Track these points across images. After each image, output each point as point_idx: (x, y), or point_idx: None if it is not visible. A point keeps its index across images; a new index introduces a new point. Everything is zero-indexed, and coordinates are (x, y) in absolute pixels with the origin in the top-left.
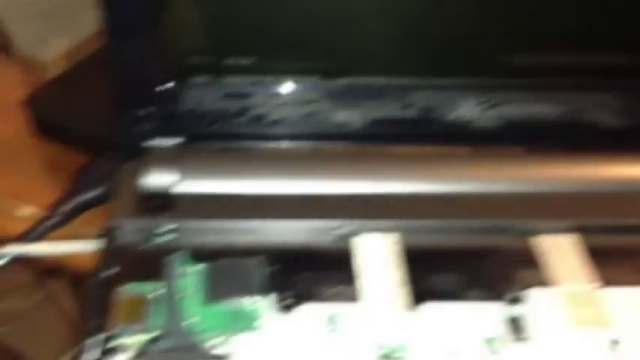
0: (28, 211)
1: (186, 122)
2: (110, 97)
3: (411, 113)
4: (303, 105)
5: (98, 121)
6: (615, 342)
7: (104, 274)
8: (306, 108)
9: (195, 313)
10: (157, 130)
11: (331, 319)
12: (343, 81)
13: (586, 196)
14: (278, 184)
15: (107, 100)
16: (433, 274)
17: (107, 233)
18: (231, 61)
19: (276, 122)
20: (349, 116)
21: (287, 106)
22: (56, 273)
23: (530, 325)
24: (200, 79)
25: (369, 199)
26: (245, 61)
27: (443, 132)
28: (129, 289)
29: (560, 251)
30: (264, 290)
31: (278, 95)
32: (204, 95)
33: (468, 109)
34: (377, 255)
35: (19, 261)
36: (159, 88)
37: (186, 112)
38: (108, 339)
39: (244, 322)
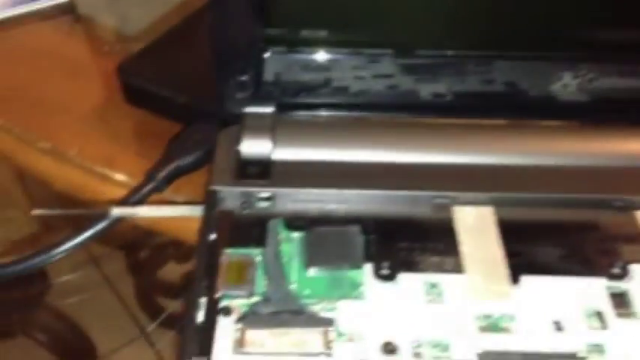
0: (119, 177)
1: (275, 91)
2: (204, 66)
3: (495, 87)
4: (385, 78)
5: (188, 89)
6: None
7: (210, 237)
8: (388, 81)
9: (296, 279)
10: (252, 98)
11: (432, 289)
12: (422, 54)
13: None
14: (373, 153)
15: (197, 69)
16: (531, 248)
17: (208, 198)
18: (308, 33)
19: (359, 94)
20: (433, 89)
21: (368, 79)
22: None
23: (636, 301)
24: (284, 49)
25: (466, 170)
26: (322, 34)
27: (530, 106)
28: (233, 254)
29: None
30: (364, 258)
31: (357, 68)
32: (290, 65)
33: (557, 83)
34: (476, 226)
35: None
36: (252, 57)
37: (274, 82)
38: (215, 301)
39: (345, 289)
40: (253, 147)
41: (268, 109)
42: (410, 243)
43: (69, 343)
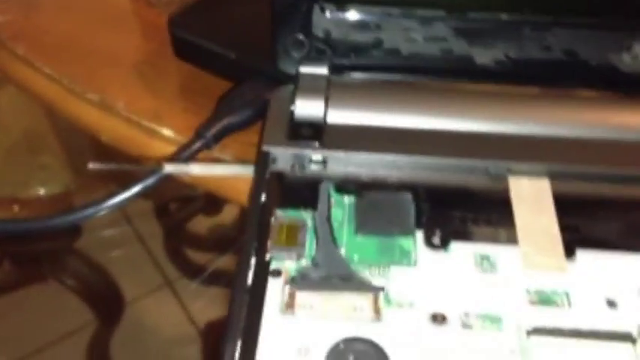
0: (166, 133)
1: (329, 51)
2: (258, 22)
3: (554, 55)
4: (438, 41)
5: (240, 46)
6: None
7: (261, 198)
8: (441, 44)
9: (346, 244)
10: (307, 58)
11: (484, 260)
12: (475, 17)
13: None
14: (427, 120)
15: (250, 25)
16: (587, 222)
17: (260, 159)
18: None
19: (412, 57)
20: (488, 54)
21: (420, 41)
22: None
23: None
24: (337, 7)
25: (523, 140)
26: None
27: (593, 76)
28: (284, 216)
29: None
30: (415, 226)
31: (409, 29)
32: (343, 25)
33: (623, 54)
34: (532, 198)
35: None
36: (310, 15)
37: (328, 41)
38: (265, 262)
39: (395, 256)
40: (307, 108)
41: (322, 70)
42: (463, 212)
43: (97, 288)
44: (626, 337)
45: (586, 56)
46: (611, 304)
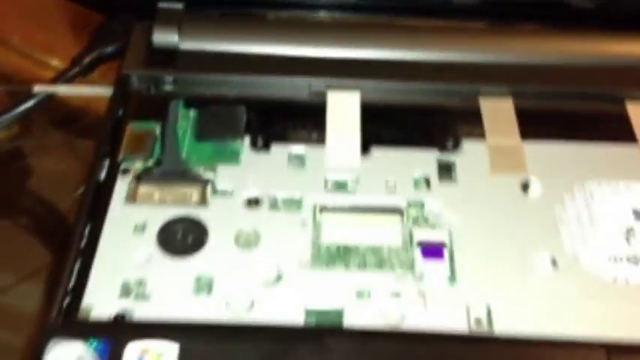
0: (55, 63)
1: None
2: None
3: None
4: None
5: None
6: (528, 184)
7: (116, 112)
8: None
9: (188, 148)
10: None
11: (297, 158)
12: None
13: (525, 67)
14: (264, 46)
15: None
16: (384, 126)
17: (119, 80)
18: None
19: None
20: None
21: None
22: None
23: (460, 169)
24: None
25: (342, 61)
26: None
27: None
28: (136, 126)
29: (498, 112)
30: (244, 132)
31: None
32: None
33: None
34: (343, 108)
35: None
36: None
37: None
38: (116, 163)
39: (227, 156)
40: (163, 37)
41: (178, 6)
42: (286, 122)
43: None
44: (396, 211)
45: None
46: (391, 189)
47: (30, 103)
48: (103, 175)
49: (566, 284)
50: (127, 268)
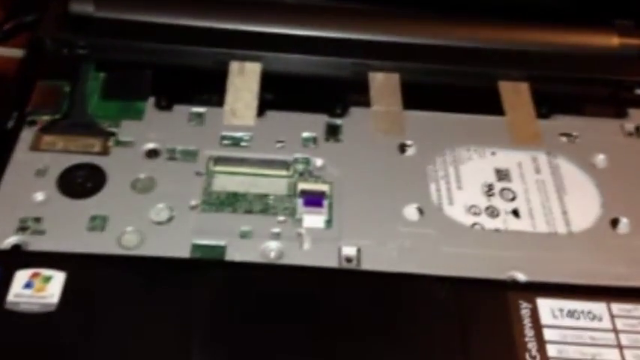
0: None
1: None
2: None
3: None
4: None
5: None
6: (405, 146)
7: (27, 69)
8: None
9: (95, 106)
10: None
11: (196, 116)
12: None
13: (412, 46)
14: (173, 17)
15: None
16: (281, 93)
17: (34, 42)
18: None
19: None
20: None
21: None
22: None
23: (346, 132)
24: None
25: (247, 34)
26: None
27: None
28: (46, 83)
29: (384, 84)
30: (149, 93)
31: None
32: None
33: None
34: (244, 75)
35: None
36: None
37: None
38: (24, 115)
39: (131, 113)
40: (78, 5)
41: None
42: (190, 85)
43: None
44: (283, 164)
45: None
46: (282, 147)
47: None
48: (10, 125)
49: (428, 230)
50: (26, 206)
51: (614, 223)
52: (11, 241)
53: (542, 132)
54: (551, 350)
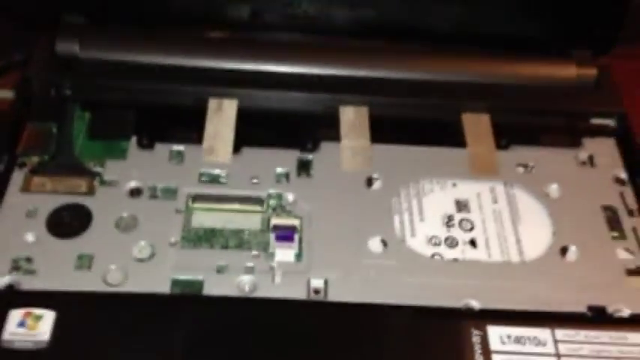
0: None
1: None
2: None
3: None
4: None
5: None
6: (372, 180)
7: (17, 112)
8: None
9: (81, 146)
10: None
11: (177, 154)
12: None
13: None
14: (153, 57)
15: None
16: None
17: (22, 82)
18: None
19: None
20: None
21: None
22: None
23: (316, 167)
24: None
25: (222, 71)
26: None
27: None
28: (35, 125)
29: (354, 118)
30: (131, 133)
31: None
32: None
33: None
34: (220, 112)
35: None
36: None
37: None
38: (15, 157)
39: (116, 153)
40: (65, 47)
41: (80, 19)
42: (170, 123)
43: None
44: (258, 200)
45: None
46: (256, 184)
47: None
48: (2, 168)
49: (391, 261)
50: (18, 247)
51: (564, 251)
52: (5, 280)
53: (501, 163)
54: None
